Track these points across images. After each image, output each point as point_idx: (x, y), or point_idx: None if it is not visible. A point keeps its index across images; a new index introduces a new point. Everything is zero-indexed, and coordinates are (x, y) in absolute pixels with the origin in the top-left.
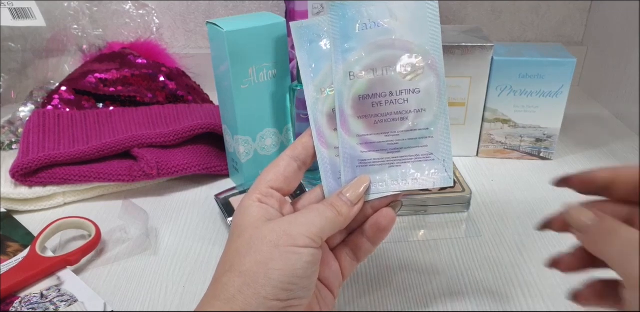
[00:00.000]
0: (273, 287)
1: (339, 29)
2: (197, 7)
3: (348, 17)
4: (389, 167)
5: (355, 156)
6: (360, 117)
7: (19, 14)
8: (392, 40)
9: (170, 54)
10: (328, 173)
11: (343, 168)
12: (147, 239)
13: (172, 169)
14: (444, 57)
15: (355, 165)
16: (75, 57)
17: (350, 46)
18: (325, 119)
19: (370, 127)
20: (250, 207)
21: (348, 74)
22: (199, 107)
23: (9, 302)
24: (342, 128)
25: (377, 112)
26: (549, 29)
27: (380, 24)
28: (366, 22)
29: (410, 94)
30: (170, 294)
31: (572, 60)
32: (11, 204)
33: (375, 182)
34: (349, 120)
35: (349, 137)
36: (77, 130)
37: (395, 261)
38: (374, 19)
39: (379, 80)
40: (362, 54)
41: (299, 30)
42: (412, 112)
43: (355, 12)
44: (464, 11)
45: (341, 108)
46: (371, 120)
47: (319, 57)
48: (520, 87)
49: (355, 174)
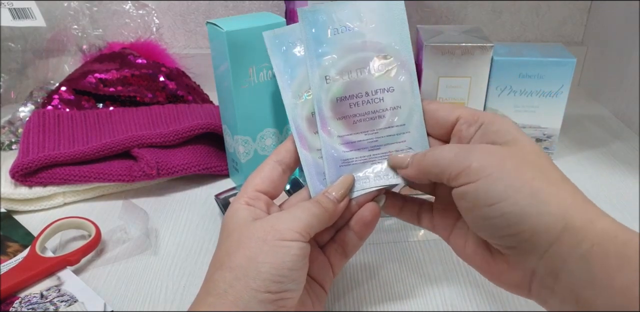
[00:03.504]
0: (263, 280)
1: (311, 35)
2: (197, 7)
3: (319, 22)
4: (371, 164)
5: (338, 156)
6: (340, 119)
7: (19, 14)
8: (363, 42)
9: (170, 54)
10: (312, 175)
11: (327, 169)
12: (147, 239)
13: (172, 169)
14: (444, 57)
15: (338, 165)
16: (75, 57)
17: (323, 51)
18: (306, 123)
19: (349, 127)
20: (238, 210)
21: (324, 78)
22: (199, 107)
23: (9, 302)
24: (322, 130)
25: (355, 112)
26: (549, 29)
27: (350, 27)
28: (337, 27)
29: (385, 93)
30: (170, 294)
31: (572, 60)
32: (11, 204)
33: (359, 179)
34: (329, 122)
35: (330, 139)
36: (77, 130)
37: (395, 261)
38: (344, 23)
39: (354, 81)
40: (336, 57)
41: (272, 39)
42: (388, 110)
43: (326, 18)
44: (464, 11)
45: (320, 111)
46: (350, 121)
47: (294, 63)
48: (520, 87)
49: (339, 173)
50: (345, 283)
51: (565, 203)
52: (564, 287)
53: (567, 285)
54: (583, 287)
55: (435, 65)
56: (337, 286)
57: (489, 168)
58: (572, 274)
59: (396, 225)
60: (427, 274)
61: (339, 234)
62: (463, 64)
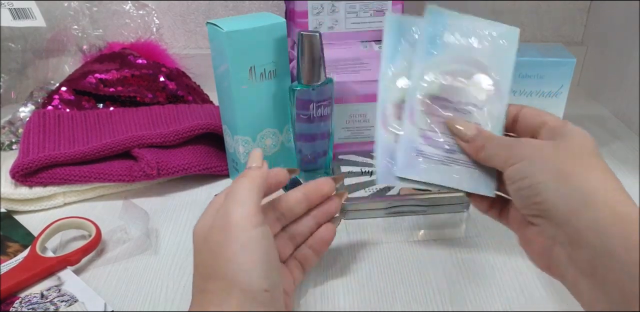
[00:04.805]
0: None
1: (429, 32)
2: (197, 7)
3: (441, 24)
4: (441, 164)
5: (414, 146)
6: (427, 114)
7: (19, 14)
8: (471, 57)
9: (170, 54)
10: (381, 154)
11: (400, 153)
12: (147, 239)
13: (172, 169)
14: None
15: (411, 153)
16: (75, 57)
17: (434, 51)
18: (392, 107)
19: (433, 124)
20: (197, 222)
21: (426, 75)
22: (199, 107)
23: (9, 302)
24: (408, 119)
25: (443, 114)
26: (549, 29)
27: (465, 39)
28: (454, 35)
29: (475, 108)
30: (170, 294)
31: (572, 60)
32: (11, 204)
33: (422, 170)
34: (417, 114)
35: (412, 128)
36: (77, 130)
37: (395, 261)
38: (463, 34)
39: (452, 87)
40: (443, 60)
41: (393, 23)
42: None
43: (448, 23)
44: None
45: (412, 102)
46: (435, 120)
47: (402, 51)
48: (520, 87)
49: (409, 160)
50: (346, 283)
51: (590, 184)
52: (582, 258)
53: (585, 255)
54: (600, 259)
55: None
56: (337, 286)
57: (529, 156)
58: (590, 246)
59: (396, 225)
60: (427, 274)
61: (299, 250)
62: None
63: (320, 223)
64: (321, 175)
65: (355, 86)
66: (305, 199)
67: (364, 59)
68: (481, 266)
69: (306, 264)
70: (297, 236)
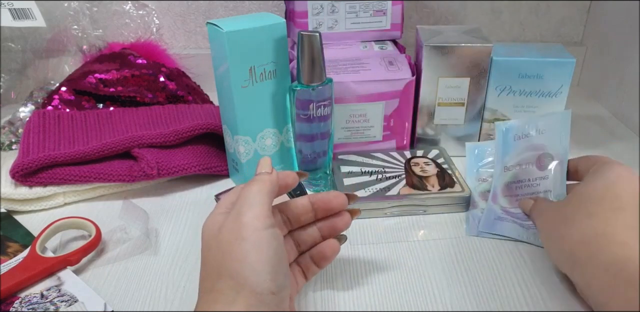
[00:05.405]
0: (264, 280)
1: (501, 140)
2: (197, 7)
3: (508, 131)
4: (519, 227)
5: (495, 215)
6: (506, 196)
7: (19, 15)
8: (534, 144)
9: (170, 54)
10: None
11: (484, 218)
12: (147, 239)
13: (172, 169)
14: (444, 58)
15: (493, 218)
16: (75, 58)
17: (506, 151)
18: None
19: (510, 202)
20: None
21: (503, 169)
22: (199, 107)
23: (9, 302)
24: (492, 201)
25: (518, 192)
26: (549, 29)
27: (528, 135)
28: (519, 135)
29: (542, 180)
30: (170, 294)
31: (572, 60)
32: (11, 204)
33: (504, 228)
34: (499, 197)
35: (495, 207)
36: (77, 130)
37: (395, 261)
38: (525, 132)
39: (522, 171)
40: (514, 155)
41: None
42: (541, 193)
43: (515, 129)
44: (463, 11)
45: (495, 190)
46: (513, 198)
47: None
48: (519, 87)
49: (490, 225)
50: (345, 283)
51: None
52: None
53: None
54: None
55: (435, 66)
56: (336, 285)
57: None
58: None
59: (396, 225)
60: (427, 274)
61: (302, 258)
62: (463, 64)
63: (326, 237)
64: (321, 175)
65: (355, 86)
66: (311, 209)
67: (363, 59)
68: (481, 266)
69: (308, 273)
70: (301, 243)
